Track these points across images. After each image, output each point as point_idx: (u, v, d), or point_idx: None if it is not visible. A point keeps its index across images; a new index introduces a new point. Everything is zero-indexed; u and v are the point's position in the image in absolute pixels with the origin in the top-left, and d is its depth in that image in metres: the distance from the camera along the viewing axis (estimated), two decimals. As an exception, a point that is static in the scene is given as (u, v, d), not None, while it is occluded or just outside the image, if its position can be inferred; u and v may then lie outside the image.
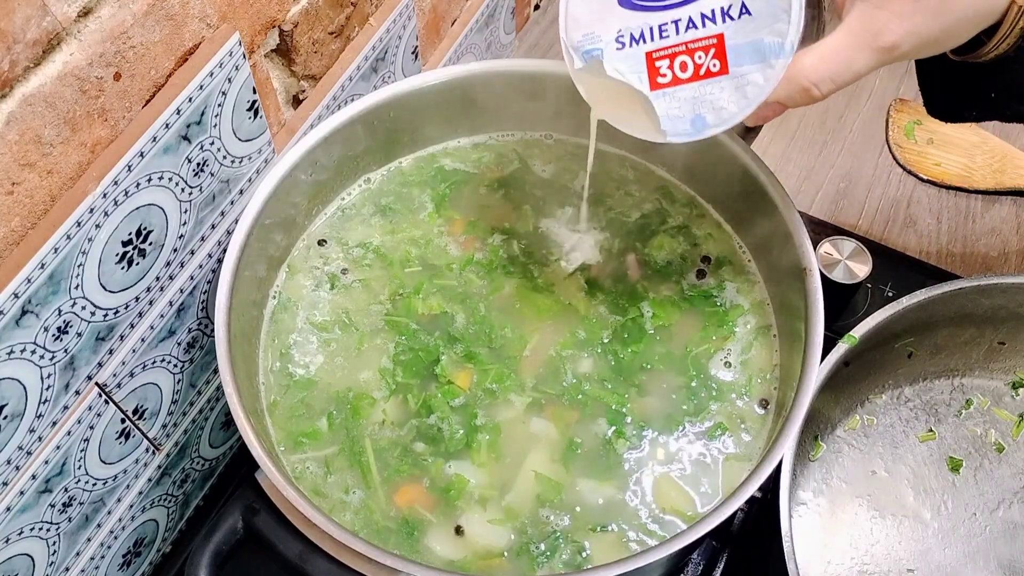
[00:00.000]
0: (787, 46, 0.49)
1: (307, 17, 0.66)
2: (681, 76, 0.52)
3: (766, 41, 0.49)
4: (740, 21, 0.49)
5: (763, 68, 0.50)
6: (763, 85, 0.50)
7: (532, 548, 0.59)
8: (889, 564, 0.73)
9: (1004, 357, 0.79)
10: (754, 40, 0.49)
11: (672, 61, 0.52)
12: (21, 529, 0.55)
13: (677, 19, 0.51)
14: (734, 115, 0.52)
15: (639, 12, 0.52)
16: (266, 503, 0.57)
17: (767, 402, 0.65)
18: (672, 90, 0.53)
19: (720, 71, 0.51)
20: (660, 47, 0.52)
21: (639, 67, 0.53)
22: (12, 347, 0.49)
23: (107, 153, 0.51)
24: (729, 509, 0.54)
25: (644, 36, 0.52)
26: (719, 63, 0.51)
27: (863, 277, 0.77)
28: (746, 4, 0.49)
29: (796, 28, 0.48)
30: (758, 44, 0.49)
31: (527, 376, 0.65)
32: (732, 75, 0.51)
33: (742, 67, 0.50)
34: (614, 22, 0.53)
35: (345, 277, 0.70)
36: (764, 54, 0.49)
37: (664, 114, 0.53)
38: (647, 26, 0.52)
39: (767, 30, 0.49)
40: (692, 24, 0.51)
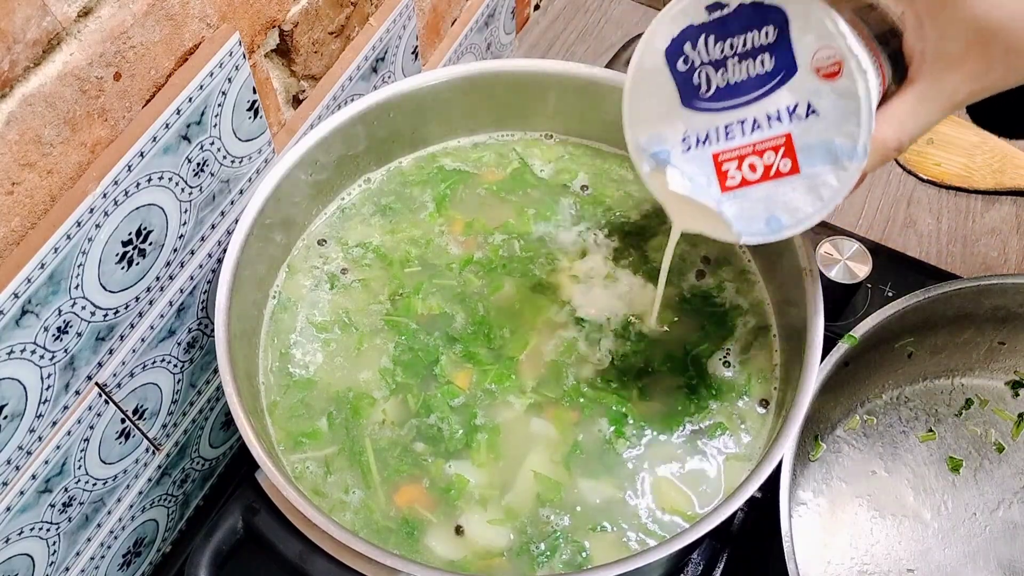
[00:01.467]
0: (859, 149, 0.47)
1: (307, 17, 0.66)
2: (750, 177, 0.50)
3: (837, 142, 0.47)
4: (808, 121, 0.47)
5: (836, 170, 0.48)
6: (838, 187, 0.48)
7: (532, 548, 0.59)
8: (889, 564, 0.73)
9: (1004, 357, 0.79)
10: (824, 140, 0.47)
11: (740, 162, 0.50)
12: (21, 529, 0.55)
13: (743, 119, 0.49)
14: (810, 215, 0.50)
15: (704, 113, 0.50)
16: (266, 503, 0.57)
17: (767, 402, 0.65)
18: (743, 191, 0.51)
19: (791, 171, 0.49)
20: (727, 148, 0.50)
21: (707, 168, 0.51)
22: (12, 347, 0.49)
23: (107, 153, 0.51)
24: (729, 509, 0.54)
25: (710, 137, 0.51)
26: (790, 163, 0.49)
27: (863, 277, 0.77)
28: (812, 104, 0.47)
29: (867, 130, 0.46)
30: (829, 145, 0.47)
31: (527, 376, 0.65)
32: (804, 175, 0.49)
33: (814, 167, 0.48)
34: (679, 123, 0.51)
35: (345, 277, 0.70)
36: (836, 155, 0.47)
37: (736, 215, 0.51)
38: (713, 127, 0.50)
39: (837, 131, 0.47)
40: (758, 125, 0.49)
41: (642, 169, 0.54)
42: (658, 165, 0.53)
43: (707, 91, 0.50)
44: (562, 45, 1.10)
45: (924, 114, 0.48)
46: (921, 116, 0.48)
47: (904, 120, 0.48)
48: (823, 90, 0.47)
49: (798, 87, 0.47)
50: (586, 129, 0.77)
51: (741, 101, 0.49)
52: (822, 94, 0.47)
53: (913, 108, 0.47)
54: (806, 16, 0.46)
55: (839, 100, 0.46)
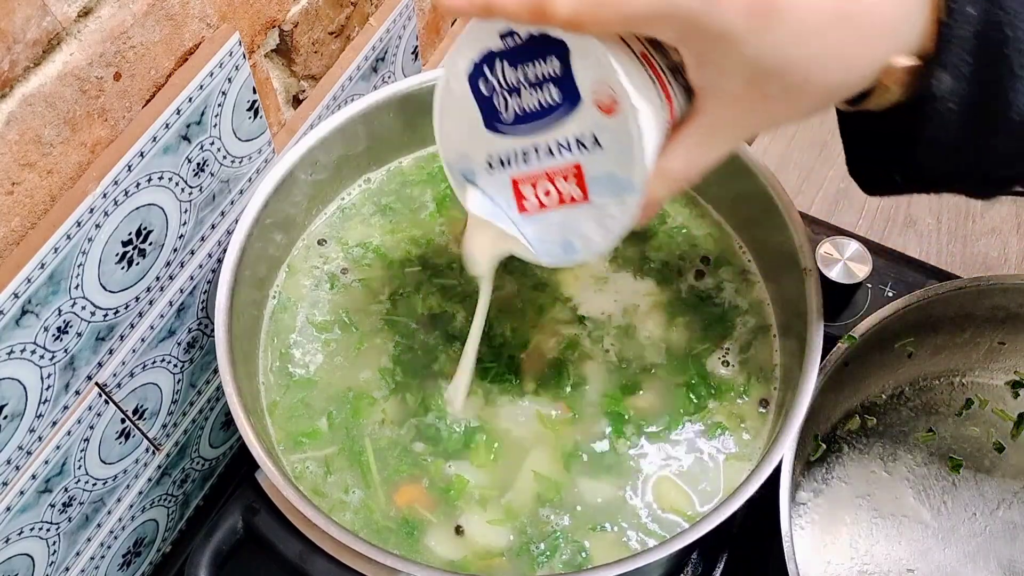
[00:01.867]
0: (635, 183, 0.47)
1: (307, 17, 0.66)
2: (546, 202, 0.51)
3: (619, 175, 0.48)
4: (593, 152, 0.48)
5: (617, 202, 0.49)
6: (619, 218, 0.49)
7: (532, 548, 0.59)
8: (889, 564, 0.73)
9: (1004, 357, 0.79)
10: (608, 172, 0.48)
11: (535, 187, 0.51)
12: (21, 529, 0.55)
13: (537, 145, 0.50)
14: (599, 244, 0.51)
15: (504, 136, 0.51)
16: (266, 503, 0.57)
17: (767, 402, 0.65)
18: (541, 215, 0.52)
19: (582, 199, 0.50)
20: (524, 172, 0.51)
21: (507, 191, 0.52)
22: (12, 347, 0.49)
23: (107, 153, 0.51)
24: (729, 509, 0.54)
25: (510, 161, 0.51)
26: (580, 191, 0.50)
27: (863, 277, 0.77)
28: (597, 137, 0.47)
29: (640, 166, 0.47)
30: (612, 176, 0.48)
31: (528, 375, 0.65)
32: (593, 204, 0.50)
33: (602, 197, 0.49)
34: (483, 144, 0.52)
35: (345, 277, 0.70)
36: (619, 188, 0.48)
37: (535, 238, 0.53)
38: (512, 151, 0.51)
39: (616, 165, 0.47)
40: (550, 152, 0.49)
41: (455, 187, 0.55)
42: (465, 183, 0.54)
43: (506, 115, 0.50)
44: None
45: (710, 147, 0.48)
46: (707, 148, 0.48)
47: (691, 154, 0.48)
48: (605, 124, 0.47)
49: (583, 119, 0.47)
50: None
51: (534, 128, 0.49)
52: (604, 128, 0.47)
53: (699, 141, 0.48)
54: (584, 51, 0.45)
55: (616, 135, 0.47)
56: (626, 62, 0.45)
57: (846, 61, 0.44)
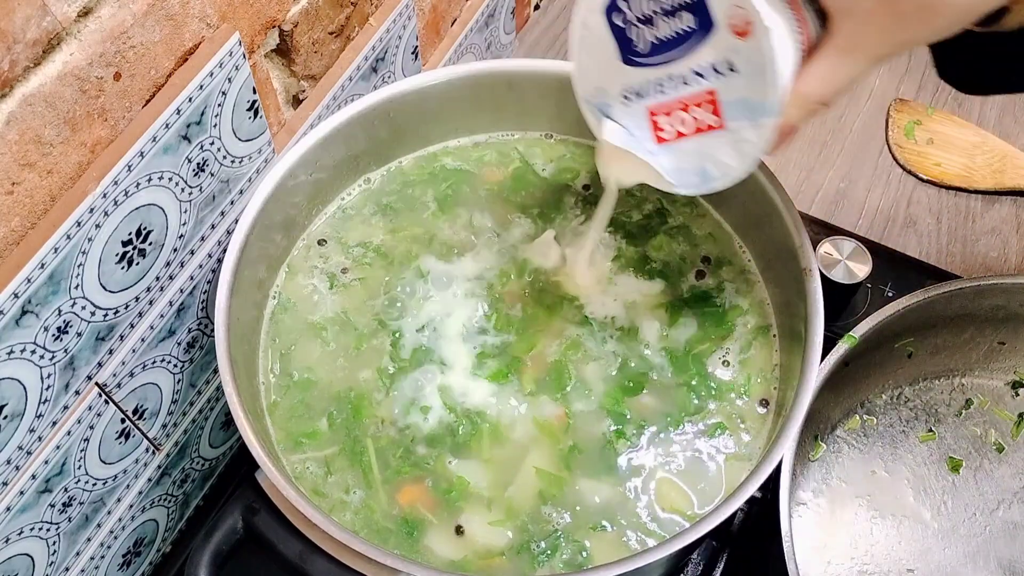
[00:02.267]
0: (769, 106, 0.48)
1: (307, 17, 0.66)
2: (682, 130, 0.53)
3: (753, 99, 0.49)
4: (729, 78, 0.49)
5: (753, 126, 0.50)
6: (755, 142, 0.50)
7: (532, 547, 0.59)
8: (889, 564, 0.73)
9: (1004, 357, 0.79)
10: (743, 97, 0.49)
11: (671, 116, 0.53)
12: (21, 529, 0.55)
13: (672, 75, 0.51)
14: (735, 169, 0.52)
15: (639, 68, 0.52)
16: (266, 503, 0.57)
17: (767, 402, 0.65)
18: (677, 144, 0.53)
19: (718, 126, 0.51)
20: (659, 102, 0.53)
21: (643, 122, 0.54)
22: (12, 347, 0.49)
23: (107, 153, 0.51)
24: (729, 509, 0.54)
25: (645, 92, 0.53)
26: (716, 118, 0.51)
27: (863, 277, 0.77)
28: (731, 62, 0.48)
29: (775, 88, 0.48)
30: (747, 101, 0.49)
31: (529, 374, 0.65)
32: (728, 129, 0.51)
33: (738, 122, 0.50)
34: (619, 77, 0.53)
35: (345, 277, 0.70)
36: (754, 112, 0.49)
37: (671, 167, 0.54)
38: (647, 81, 0.52)
39: (752, 88, 0.49)
40: (685, 81, 0.51)
41: (590, 121, 0.57)
42: (601, 117, 0.56)
43: (641, 47, 0.51)
44: (562, 45, 1.10)
45: (845, 69, 0.48)
46: (842, 71, 0.48)
47: (825, 75, 0.48)
48: (739, 47, 0.48)
49: (718, 45, 0.48)
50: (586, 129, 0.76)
51: (670, 57, 0.51)
52: (738, 51, 0.48)
53: (833, 63, 0.48)
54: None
55: (751, 58, 0.48)
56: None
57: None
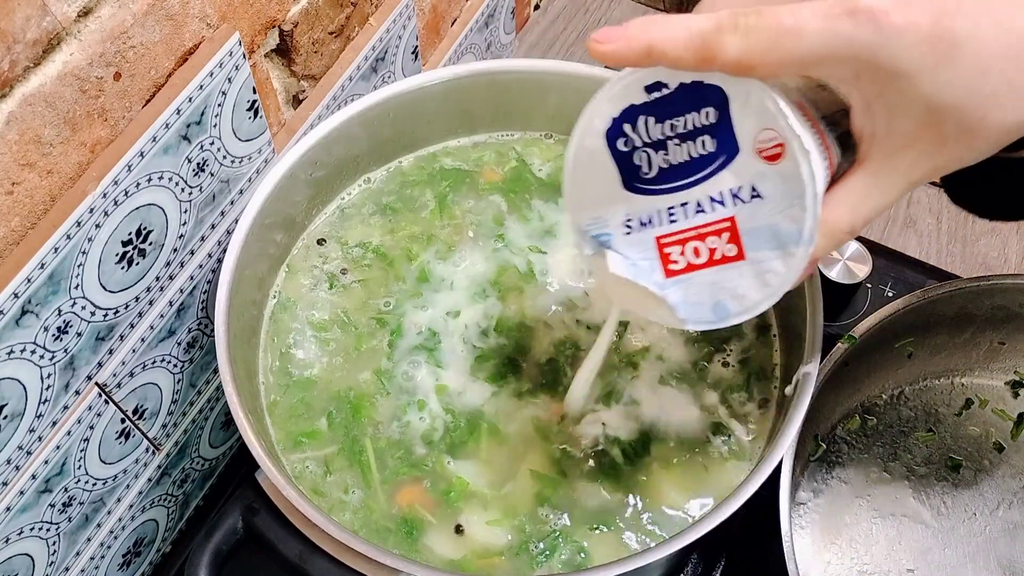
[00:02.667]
0: (806, 234, 0.44)
1: (307, 17, 0.66)
2: (695, 262, 0.48)
3: (783, 227, 0.44)
4: (752, 204, 0.45)
5: (783, 256, 0.45)
6: (785, 274, 0.46)
7: (531, 547, 0.59)
8: (889, 564, 0.73)
9: (1004, 357, 0.79)
10: (770, 224, 0.45)
11: (684, 247, 0.48)
12: (21, 529, 0.55)
13: (686, 202, 0.47)
14: (757, 303, 0.47)
15: (646, 196, 0.48)
16: (266, 503, 0.57)
17: (767, 402, 0.65)
18: (688, 276, 0.48)
19: (737, 256, 0.46)
20: (670, 232, 0.48)
21: (650, 253, 0.49)
22: (12, 347, 0.49)
23: (107, 153, 0.51)
24: (729, 509, 0.54)
25: (652, 220, 0.48)
26: (735, 248, 0.46)
27: (863, 277, 0.77)
28: (756, 187, 0.44)
29: (812, 214, 0.44)
30: (775, 229, 0.45)
31: (527, 374, 0.65)
32: (750, 260, 0.46)
33: (760, 252, 0.46)
34: (621, 206, 0.49)
35: (345, 277, 0.70)
36: (782, 240, 0.45)
37: (681, 301, 0.49)
38: (655, 210, 0.48)
39: (782, 215, 0.44)
40: (701, 208, 0.46)
41: (583, 252, 0.52)
42: (600, 248, 0.51)
43: (649, 173, 0.47)
44: (562, 45, 1.10)
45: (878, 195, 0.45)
46: (874, 197, 0.45)
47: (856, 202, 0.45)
48: (766, 173, 0.44)
49: (741, 169, 0.45)
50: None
51: (683, 183, 0.46)
52: (766, 177, 0.44)
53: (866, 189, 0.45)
54: (747, 96, 0.43)
55: (783, 183, 0.44)
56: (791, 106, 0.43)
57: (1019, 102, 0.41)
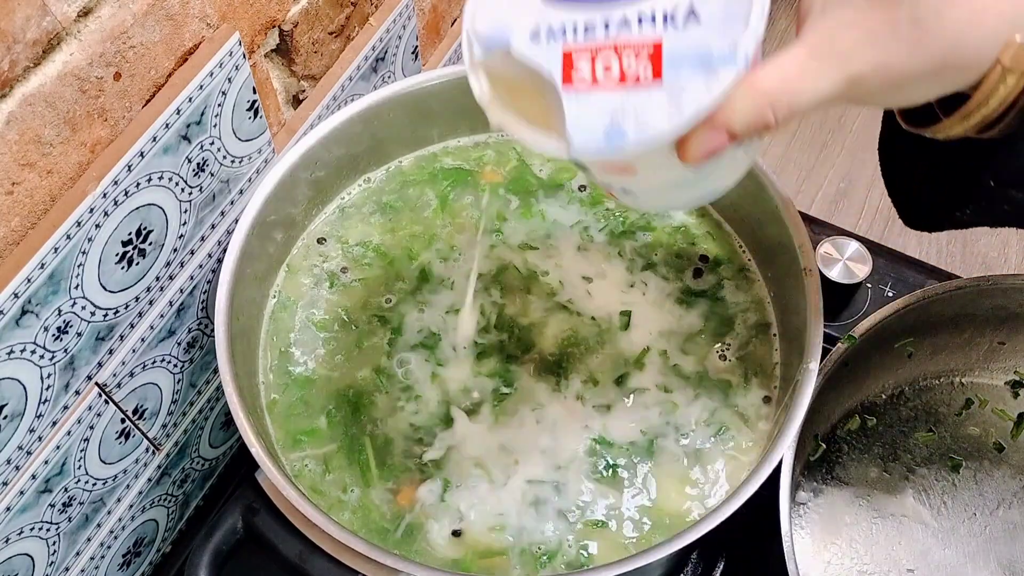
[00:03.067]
0: (740, 55, 0.40)
1: (307, 17, 0.66)
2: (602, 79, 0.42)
3: (714, 48, 0.40)
4: (685, 28, 0.41)
5: (706, 78, 0.40)
6: (705, 96, 0.40)
7: (532, 548, 0.59)
8: (889, 564, 0.73)
9: (1004, 357, 0.79)
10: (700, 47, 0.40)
11: (594, 61, 0.42)
12: (21, 529, 0.55)
13: (608, 18, 0.42)
14: (662, 131, 0.41)
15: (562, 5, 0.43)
16: (266, 503, 0.57)
17: (768, 401, 0.65)
18: (588, 94, 0.42)
19: (652, 79, 0.41)
20: (582, 46, 0.42)
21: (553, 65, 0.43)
22: (12, 347, 0.49)
23: (107, 153, 0.51)
24: (729, 509, 0.54)
25: (565, 32, 0.43)
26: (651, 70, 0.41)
27: (863, 277, 0.77)
28: (695, 8, 0.41)
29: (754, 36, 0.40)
30: (704, 52, 0.40)
31: (528, 373, 0.65)
32: (666, 84, 0.41)
33: (680, 75, 0.41)
34: (531, 15, 0.44)
35: (344, 276, 0.70)
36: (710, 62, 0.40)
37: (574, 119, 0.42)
38: (571, 21, 0.43)
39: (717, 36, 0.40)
40: (626, 24, 0.41)
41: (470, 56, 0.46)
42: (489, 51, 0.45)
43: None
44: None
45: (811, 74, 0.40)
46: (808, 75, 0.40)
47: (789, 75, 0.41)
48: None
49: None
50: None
51: None
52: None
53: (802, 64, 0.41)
54: None
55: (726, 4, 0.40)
56: None
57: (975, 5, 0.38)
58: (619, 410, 0.64)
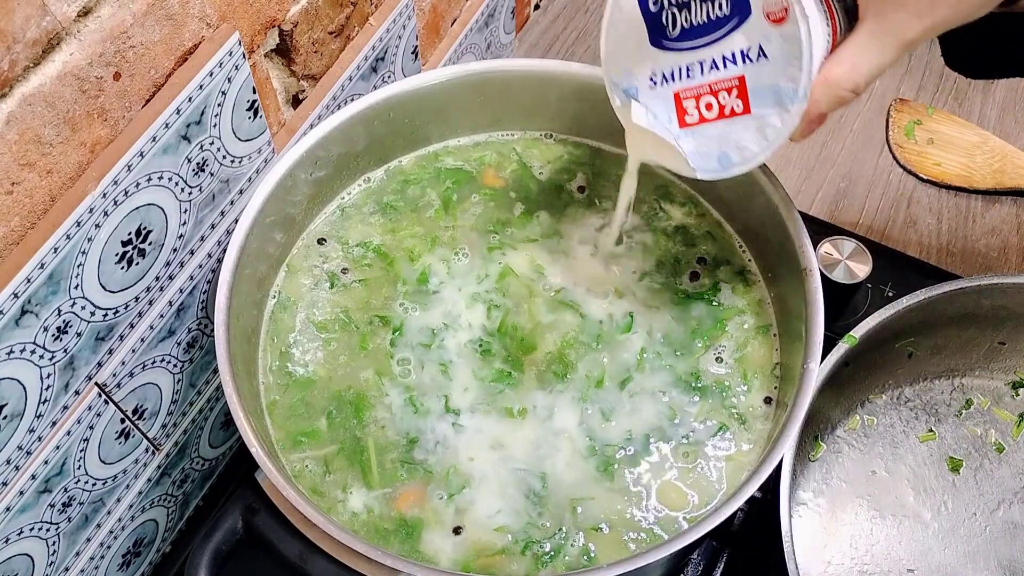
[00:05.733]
0: (800, 92, 0.50)
1: (307, 17, 0.66)
2: (707, 115, 0.54)
3: (782, 85, 0.51)
4: (759, 64, 0.51)
5: (780, 112, 0.52)
6: (780, 128, 0.52)
7: (533, 547, 0.59)
8: (889, 564, 0.73)
9: (1004, 357, 0.79)
10: (772, 83, 0.51)
11: (698, 101, 0.54)
12: (21, 529, 0.55)
13: (702, 60, 0.53)
14: (756, 155, 0.54)
15: (669, 52, 0.54)
16: (266, 503, 0.57)
17: (768, 401, 0.65)
18: (700, 128, 0.55)
19: (743, 111, 0.53)
20: (687, 87, 0.54)
21: (668, 105, 0.56)
22: (12, 347, 0.49)
23: (107, 153, 0.51)
24: (729, 509, 0.54)
25: (673, 76, 0.55)
26: (742, 103, 0.53)
27: (863, 277, 0.77)
28: (763, 48, 0.50)
29: (807, 74, 0.50)
30: (775, 87, 0.51)
31: (529, 373, 0.65)
32: (754, 116, 0.53)
33: (763, 108, 0.52)
34: (648, 61, 0.55)
35: (345, 276, 0.70)
36: (781, 98, 0.51)
37: (692, 151, 0.56)
38: (676, 66, 0.54)
39: (782, 75, 0.50)
40: (715, 66, 0.53)
41: (614, 103, 0.59)
42: (627, 99, 0.58)
43: (673, 31, 0.53)
44: (562, 45, 1.10)
45: (875, 53, 0.49)
46: (872, 55, 0.49)
47: (855, 60, 0.49)
48: (772, 34, 0.50)
49: (751, 31, 0.50)
50: (586, 129, 0.77)
51: (702, 42, 0.52)
52: (771, 38, 0.50)
53: (862, 48, 0.49)
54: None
55: (784, 44, 0.50)
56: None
57: None
58: (619, 410, 0.64)
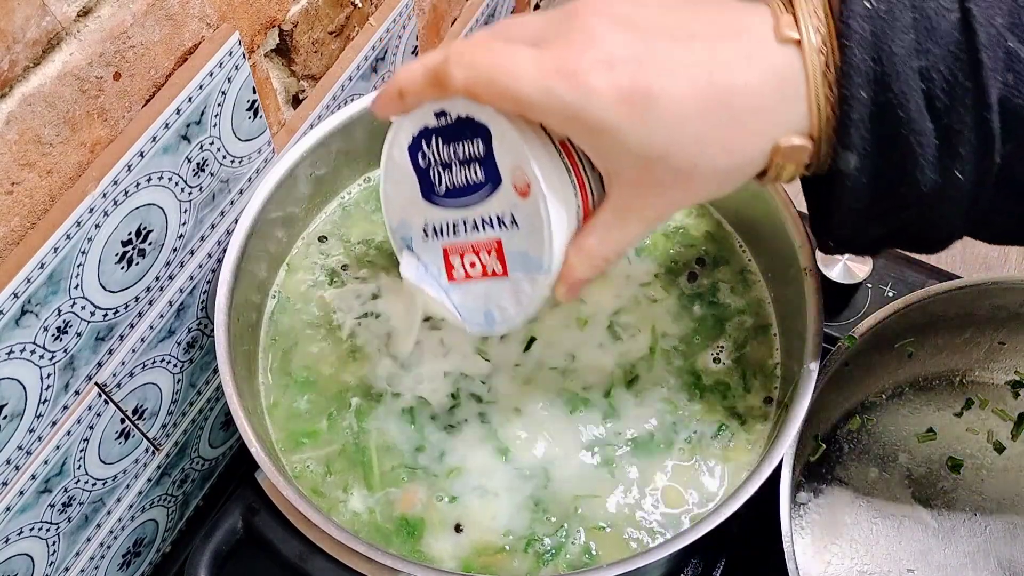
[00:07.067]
0: (544, 264, 0.49)
1: (307, 17, 0.66)
2: (471, 272, 0.54)
3: (531, 255, 0.50)
4: (511, 231, 0.50)
5: (530, 279, 0.51)
6: (531, 295, 0.51)
7: (534, 547, 0.59)
8: (889, 564, 0.73)
9: (1004, 357, 0.79)
10: (523, 251, 0.50)
11: (462, 258, 0.54)
12: (21, 529, 0.55)
13: (465, 219, 0.52)
14: (513, 317, 0.53)
15: (438, 208, 0.53)
16: (266, 503, 0.57)
17: (768, 401, 0.65)
18: (465, 285, 0.54)
19: (503, 273, 0.52)
20: (453, 243, 0.54)
21: (438, 259, 0.55)
22: (12, 347, 0.49)
23: (107, 153, 0.51)
24: (729, 509, 0.54)
25: (442, 231, 0.54)
26: (501, 265, 0.52)
27: (863, 277, 0.77)
28: (514, 216, 0.50)
29: (549, 249, 0.49)
30: (525, 255, 0.50)
31: (528, 373, 0.65)
32: (511, 279, 0.52)
33: (517, 272, 0.52)
34: (421, 213, 0.55)
35: (346, 274, 0.70)
36: (530, 266, 0.50)
37: (460, 304, 0.55)
38: (444, 221, 0.54)
39: (530, 245, 0.50)
40: (477, 226, 0.52)
41: (396, 250, 0.58)
42: (404, 248, 0.57)
43: (440, 189, 0.53)
44: (562, 45, 1.10)
45: (619, 230, 0.48)
46: (615, 232, 0.49)
47: (603, 235, 0.49)
48: (519, 205, 0.49)
49: (503, 199, 0.50)
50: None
51: (463, 203, 0.52)
52: (519, 208, 0.49)
53: (606, 225, 0.49)
54: (503, 135, 0.48)
55: (530, 217, 0.49)
56: (539, 148, 0.48)
57: (728, 144, 0.44)
58: (619, 411, 0.64)
